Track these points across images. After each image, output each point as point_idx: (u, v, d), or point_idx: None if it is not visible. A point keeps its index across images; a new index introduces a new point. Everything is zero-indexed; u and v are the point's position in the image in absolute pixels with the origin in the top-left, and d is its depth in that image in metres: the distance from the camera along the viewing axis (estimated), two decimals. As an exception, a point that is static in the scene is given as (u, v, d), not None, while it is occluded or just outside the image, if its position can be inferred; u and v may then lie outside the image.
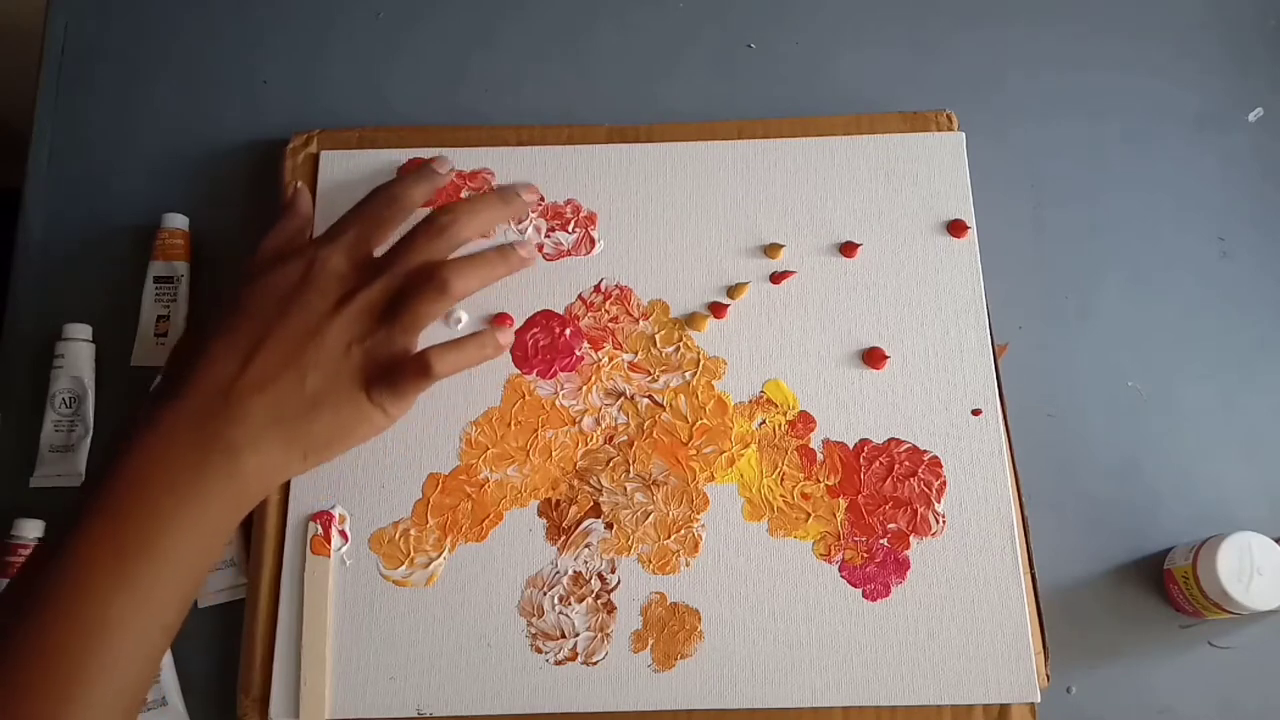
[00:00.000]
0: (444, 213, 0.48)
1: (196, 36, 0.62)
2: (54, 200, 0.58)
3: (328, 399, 0.44)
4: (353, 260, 0.47)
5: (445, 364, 0.45)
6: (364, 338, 0.45)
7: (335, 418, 0.44)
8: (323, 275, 0.46)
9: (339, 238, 0.47)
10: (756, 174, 0.56)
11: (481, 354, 0.48)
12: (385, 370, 0.45)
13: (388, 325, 0.45)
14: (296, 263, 0.46)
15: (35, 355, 0.55)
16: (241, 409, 0.42)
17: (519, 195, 0.52)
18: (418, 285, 0.46)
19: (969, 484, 0.51)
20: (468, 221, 0.48)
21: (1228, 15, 0.62)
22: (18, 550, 0.50)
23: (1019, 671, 0.48)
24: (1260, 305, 0.56)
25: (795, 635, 0.49)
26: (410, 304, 0.45)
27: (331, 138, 0.57)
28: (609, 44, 0.62)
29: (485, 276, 0.48)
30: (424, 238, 0.47)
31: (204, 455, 0.41)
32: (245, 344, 0.43)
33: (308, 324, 0.44)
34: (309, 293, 0.45)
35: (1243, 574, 0.47)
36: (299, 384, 0.43)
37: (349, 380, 0.44)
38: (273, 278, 0.46)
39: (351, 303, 0.45)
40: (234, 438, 0.42)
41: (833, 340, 0.53)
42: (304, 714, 0.48)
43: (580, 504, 0.51)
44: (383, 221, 0.49)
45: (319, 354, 0.44)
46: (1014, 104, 0.60)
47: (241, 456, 0.42)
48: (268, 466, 0.43)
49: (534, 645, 0.49)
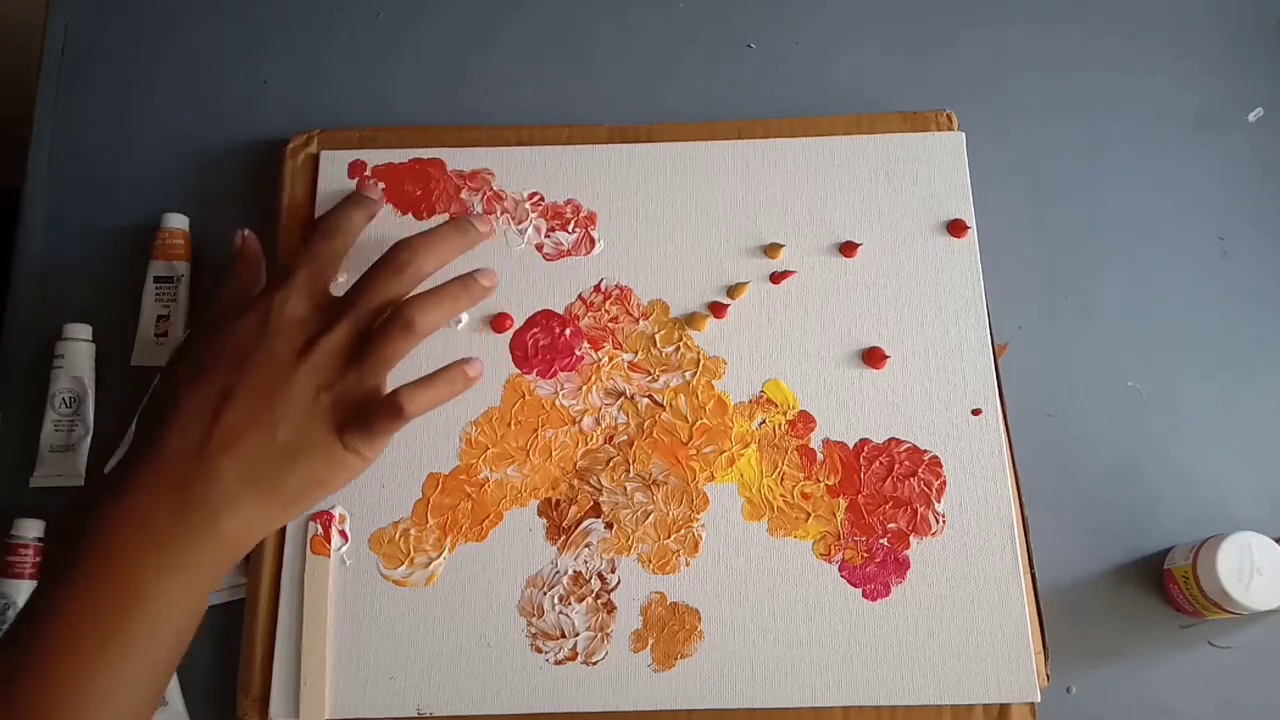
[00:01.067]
0: (402, 249, 0.47)
1: (196, 36, 0.62)
2: (54, 200, 0.58)
3: (301, 449, 0.43)
4: (311, 302, 0.46)
5: (417, 404, 0.44)
6: (332, 383, 0.44)
7: (310, 467, 0.43)
8: (282, 322, 0.44)
9: (292, 280, 0.46)
10: (756, 174, 0.56)
11: (452, 390, 0.46)
12: (356, 413, 0.44)
13: (355, 368, 0.44)
14: (255, 312, 0.45)
15: (35, 355, 0.55)
16: (215, 467, 0.41)
17: (474, 226, 0.51)
18: (384, 325, 0.45)
19: (969, 484, 0.51)
20: (426, 257, 0.47)
21: (1228, 15, 0.62)
22: (18, 550, 0.50)
23: (1019, 671, 0.48)
24: (1260, 305, 0.56)
25: (795, 635, 0.49)
26: (377, 345, 0.44)
27: (331, 138, 0.57)
28: (609, 44, 0.62)
29: (450, 309, 0.47)
30: (384, 275, 0.46)
31: (184, 517, 0.40)
32: (211, 402, 0.42)
33: (273, 374, 0.43)
34: (271, 341, 0.44)
35: (1243, 574, 0.47)
36: (270, 437, 0.42)
37: (320, 427, 0.43)
38: (232, 330, 0.44)
39: (316, 348, 0.44)
40: (211, 499, 0.41)
41: (833, 340, 0.53)
42: (304, 714, 0.48)
43: (580, 504, 0.51)
44: (331, 255, 0.48)
45: (287, 404, 0.43)
46: (1014, 104, 0.60)
47: (220, 517, 0.41)
48: (248, 524, 0.42)
49: (534, 645, 0.49)
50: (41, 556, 0.51)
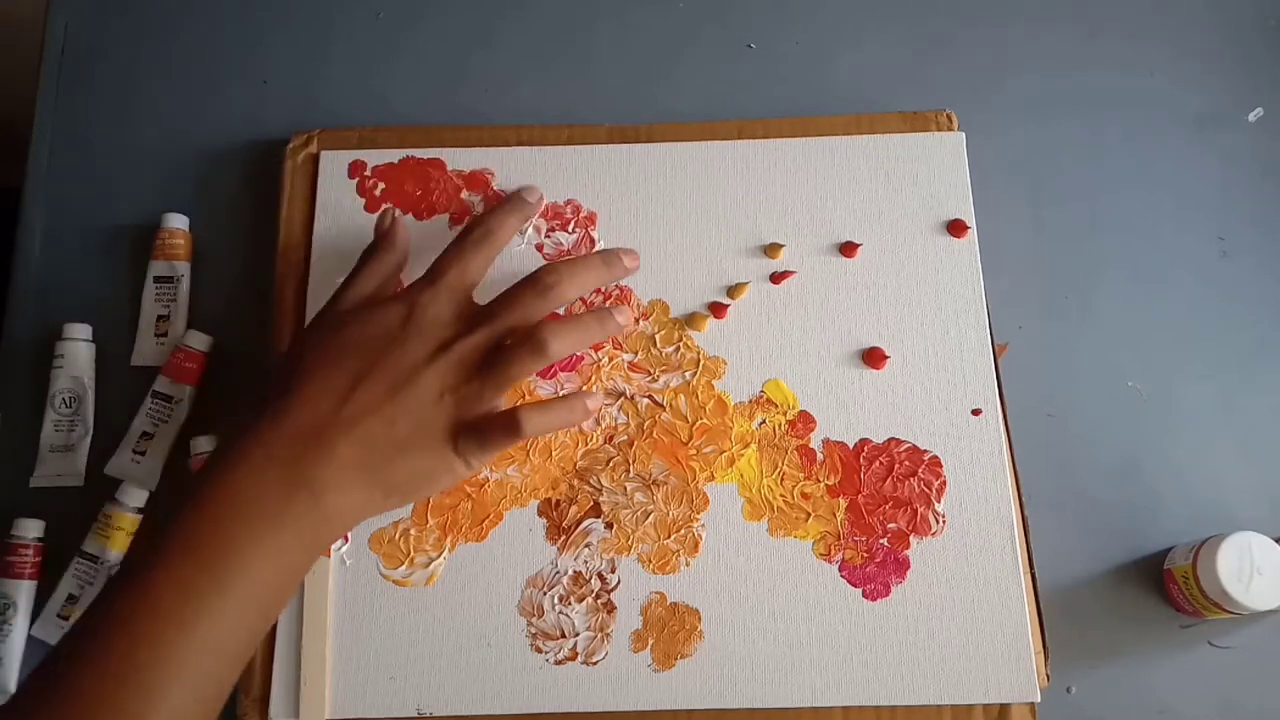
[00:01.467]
0: (549, 272, 0.48)
1: (196, 36, 0.62)
2: (54, 200, 0.58)
3: (414, 445, 0.44)
4: (454, 307, 0.47)
5: (534, 424, 0.45)
6: (457, 388, 0.45)
7: (419, 464, 0.44)
8: (424, 321, 0.46)
9: (439, 280, 0.47)
10: (756, 174, 0.56)
11: (570, 417, 0.48)
12: (473, 423, 0.45)
13: (481, 379, 0.45)
14: (399, 306, 0.46)
15: (35, 355, 0.55)
16: (331, 448, 0.42)
17: (620, 260, 0.52)
18: (517, 343, 0.46)
19: (969, 484, 0.51)
20: (570, 283, 0.48)
21: (1228, 15, 0.62)
22: (18, 550, 0.50)
23: (1019, 671, 0.48)
24: (1260, 305, 0.56)
25: (795, 635, 0.49)
26: (507, 361, 0.46)
27: (331, 138, 0.57)
28: (609, 44, 0.62)
29: (582, 340, 0.48)
30: (528, 294, 0.47)
31: (289, 494, 0.41)
32: (344, 382, 0.44)
33: (405, 368, 0.45)
34: (410, 338, 0.45)
35: (1243, 574, 0.47)
36: (389, 427, 0.44)
37: (437, 429, 0.45)
38: (376, 318, 0.46)
39: (449, 351, 0.45)
40: (320, 478, 0.42)
41: (833, 340, 0.53)
42: (304, 714, 0.48)
43: (580, 504, 0.51)
44: (479, 260, 0.49)
45: (411, 399, 0.44)
46: (1014, 104, 0.60)
47: (325, 497, 0.42)
48: (348, 507, 0.43)
49: (534, 645, 0.49)
50: (41, 557, 0.51)
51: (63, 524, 0.52)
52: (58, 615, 0.50)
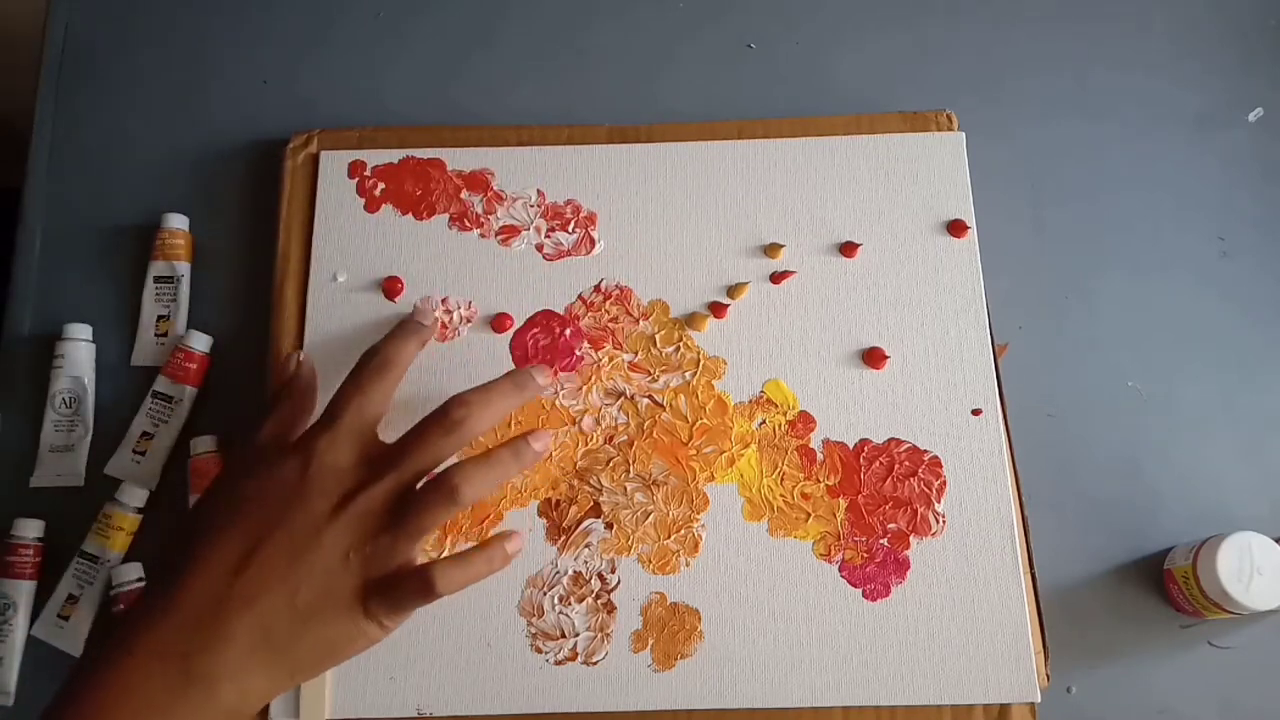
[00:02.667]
0: (457, 407, 0.44)
1: (196, 37, 0.62)
2: (54, 200, 0.58)
3: (319, 614, 0.40)
4: (356, 451, 0.44)
5: (449, 582, 0.42)
6: (363, 545, 0.41)
7: (325, 635, 0.41)
8: (322, 472, 0.42)
9: (336, 424, 0.44)
10: (756, 174, 0.56)
11: (489, 568, 0.44)
12: (383, 582, 0.41)
13: (390, 533, 0.42)
14: (295, 458, 0.43)
15: (35, 355, 0.55)
16: (225, 632, 0.39)
17: (533, 379, 0.48)
18: (425, 491, 0.43)
19: (969, 484, 0.51)
20: (480, 416, 0.45)
21: (1228, 15, 0.62)
22: (18, 550, 0.50)
23: (1019, 671, 0.48)
24: (1260, 305, 0.56)
25: (795, 635, 0.49)
26: (417, 511, 0.42)
27: (331, 138, 0.57)
28: (609, 44, 0.62)
29: (497, 478, 0.44)
30: (435, 433, 0.44)
31: (179, 689, 0.38)
32: (236, 554, 0.40)
33: (305, 529, 0.41)
34: (308, 494, 0.42)
35: (1243, 574, 0.47)
36: (291, 597, 0.40)
37: (344, 593, 0.41)
38: (270, 475, 0.43)
39: (352, 504, 0.42)
40: (214, 669, 0.38)
41: (833, 340, 0.53)
42: (304, 714, 0.48)
43: (580, 504, 0.51)
44: (379, 392, 0.46)
45: (314, 563, 0.40)
46: (1014, 104, 0.60)
47: (220, 688, 0.38)
48: (249, 694, 0.39)
49: (534, 645, 0.49)
50: (41, 557, 0.51)
51: (63, 524, 0.52)
52: (58, 615, 0.50)
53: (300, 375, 0.50)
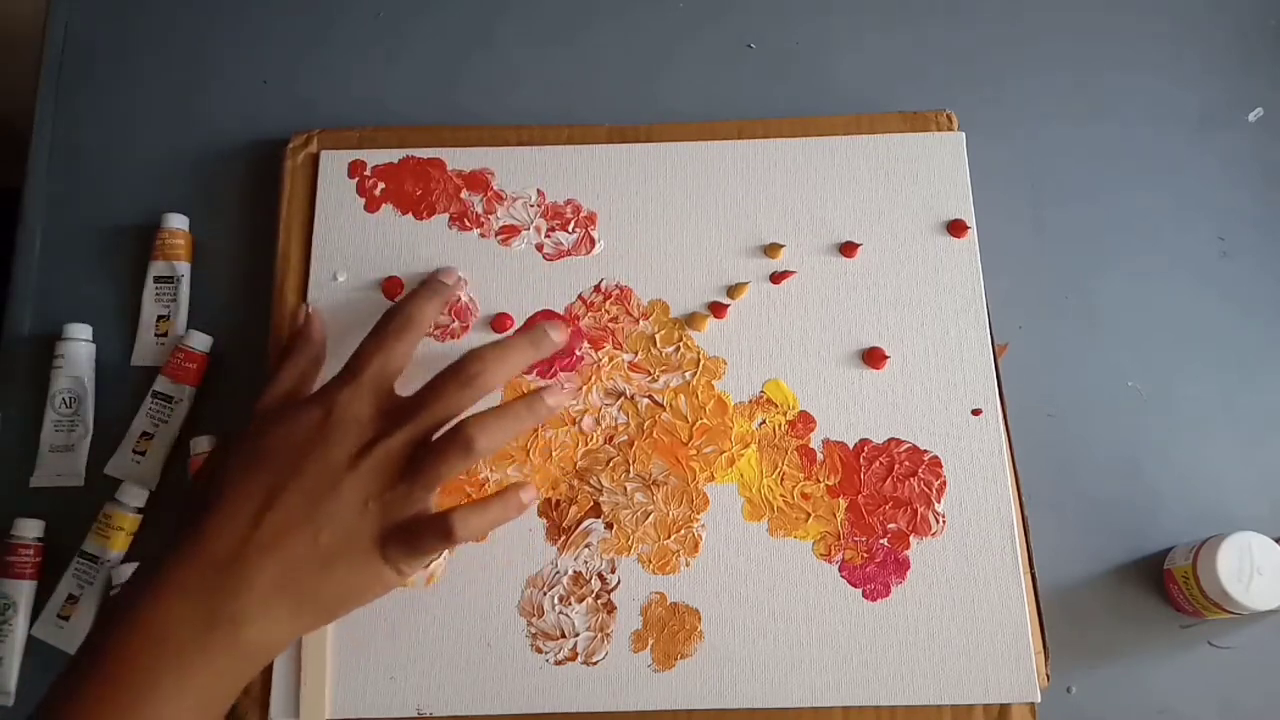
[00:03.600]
0: (472, 361, 0.45)
1: (196, 36, 0.62)
2: (54, 200, 0.58)
3: (340, 558, 0.42)
4: (375, 404, 0.45)
5: (468, 528, 0.43)
6: (381, 493, 0.43)
7: (347, 578, 0.42)
8: (342, 423, 0.44)
9: (358, 377, 0.45)
10: (756, 174, 0.56)
11: (505, 515, 0.45)
12: (402, 529, 0.43)
13: (408, 481, 0.43)
14: (315, 409, 0.44)
15: (35, 355, 0.55)
16: (249, 574, 0.40)
17: (549, 336, 0.49)
18: (441, 441, 0.44)
19: (969, 484, 0.51)
20: (496, 370, 0.45)
21: (1228, 15, 0.62)
22: (18, 550, 0.50)
23: (1019, 671, 0.48)
24: (1260, 305, 0.56)
25: (795, 635, 0.49)
26: (433, 461, 0.43)
27: (331, 138, 0.57)
28: (609, 44, 0.62)
29: (511, 430, 0.45)
30: (452, 386, 0.45)
31: (206, 630, 0.39)
32: (258, 500, 0.41)
33: (324, 477, 0.42)
34: (327, 442, 0.43)
35: (1243, 574, 0.47)
36: (312, 542, 0.41)
37: (364, 538, 0.42)
38: (290, 425, 0.44)
39: (370, 454, 0.43)
40: (239, 609, 0.40)
41: (833, 340, 0.53)
42: (304, 714, 0.48)
43: (580, 504, 0.51)
44: (401, 350, 0.47)
45: (334, 510, 0.42)
46: (1014, 104, 0.60)
47: (246, 628, 0.40)
48: (273, 635, 0.41)
49: (534, 645, 0.49)
50: (41, 557, 0.51)
51: (63, 524, 0.52)
52: (58, 615, 0.50)
53: (311, 328, 0.50)
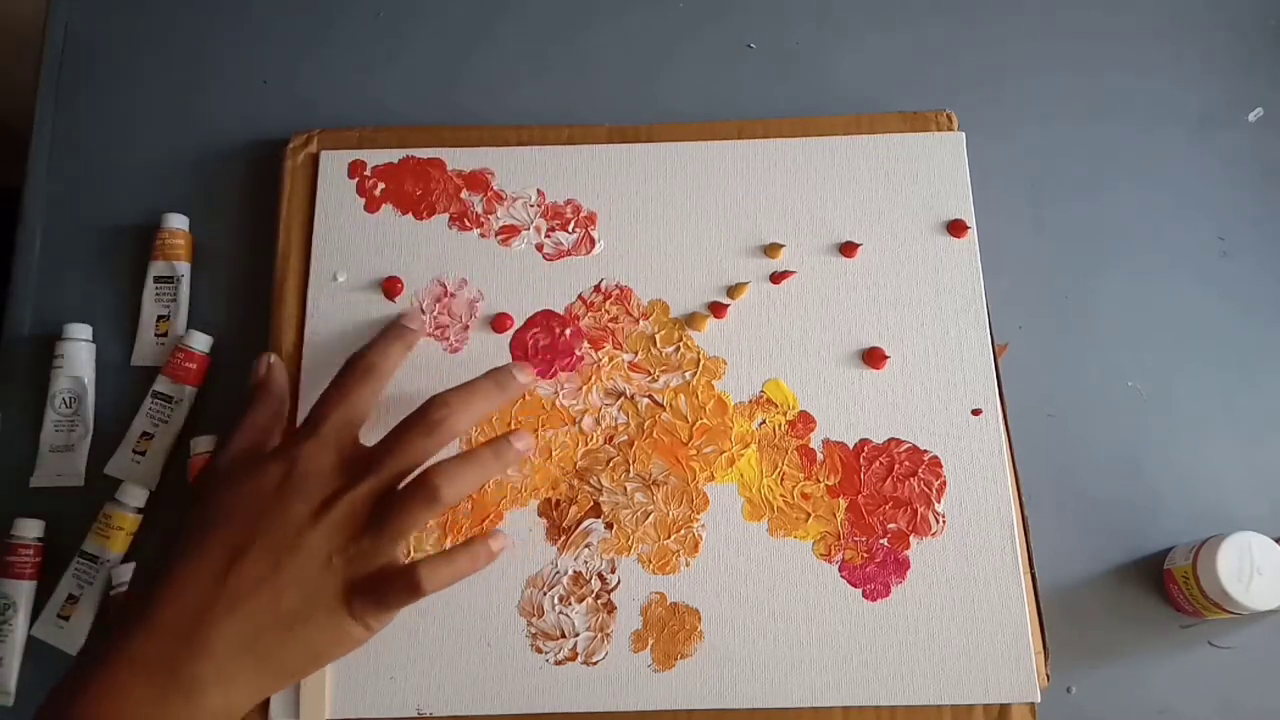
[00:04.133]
0: (438, 408, 0.44)
1: (196, 37, 0.62)
2: (54, 200, 0.58)
3: (305, 618, 0.40)
4: (337, 456, 0.44)
5: (435, 580, 0.42)
6: (345, 547, 0.41)
7: (312, 637, 0.41)
8: (305, 477, 0.42)
9: (320, 428, 0.44)
10: (756, 174, 0.56)
11: (473, 566, 0.44)
12: (368, 584, 0.41)
13: (373, 534, 0.42)
14: (276, 464, 0.43)
15: (35, 355, 0.55)
16: (209, 640, 0.39)
17: (515, 378, 0.48)
18: (406, 492, 0.43)
19: (969, 484, 0.51)
20: (461, 415, 0.45)
21: (1228, 15, 0.62)
22: (18, 550, 0.50)
23: (1019, 671, 0.48)
24: (1260, 305, 0.56)
25: (795, 635, 0.49)
26: (398, 512, 0.42)
27: (331, 138, 0.57)
28: (609, 44, 0.62)
29: (479, 478, 0.45)
30: (415, 434, 0.44)
31: (161, 699, 0.38)
32: (220, 558, 0.40)
33: (287, 534, 0.41)
34: (290, 498, 0.42)
35: (1243, 574, 0.47)
36: (275, 603, 0.40)
37: (329, 596, 0.41)
38: (251, 481, 0.42)
39: (334, 507, 0.42)
40: (198, 674, 0.38)
41: (833, 340, 0.53)
42: (304, 714, 0.48)
43: (580, 504, 0.51)
44: (363, 398, 0.46)
45: (297, 568, 0.40)
46: (1014, 104, 0.60)
47: (205, 694, 0.38)
48: (234, 700, 0.39)
49: (534, 645, 0.49)
50: (41, 557, 0.51)
51: (63, 524, 0.52)
52: (58, 615, 0.50)
53: (272, 379, 0.49)
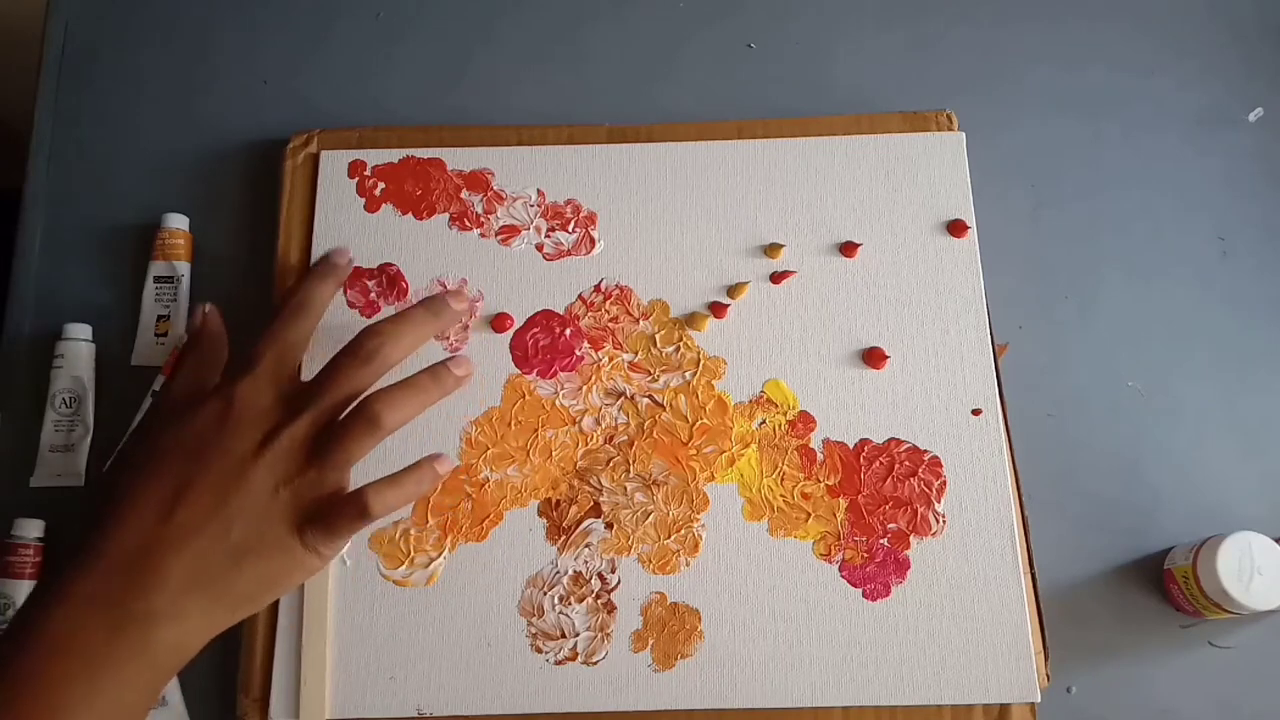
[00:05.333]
0: (370, 336, 0.45)
1: (196, 37, 0.62)
2: (54, 200, 0.58)
3: (255, 549, 0.40)
4: (275, 391, 0.44)
5: (383, 503, 0.42)
6: (291, 478, 0.42)
7: (264, 568, 0.41)
8: (243, 413, 0.42)
9: (256, 366, 0.44)
10: (756, 174, 0.56)
11: (419, 489, 0.44)
12: (317, 511, 0.42)
13: (317, 464, 0.42)
14: (214, 402, 0.43)
15: (35, 355, 0.55)
16: (159, 573, 0.38)
17: (449, 305, 0.48)
18: (347, 420, 0.43)
19: (969, 484, 0.51)
20: (395, 345, 0.45)
21: (1228, 15, 0.62)
22: (18, 550, 0.50)
23: (1019, 671, 0.48)
24: (1260, 305, 0.56)
25: (795, 635, 0.49)
26: (340, 440, 0.42)
27: (331, 138, 0.57)
28: (609, 44, 0.62)
29: (419, 404, 0.45)
30: (350, 365, 0.44)
31: (114, 635, 0.37)
32: (162, 497, 0.40)
33: (231, 469, 0.41)
34: (230, 434, 0.42)
35: (1243, 574, 0.47)
36: (223, 536, 0.40)
37: (278, 525, 0.41)
38: (190, 421, 0.42)
39: (276, 441, 0.42)
40: (150, 608, 0.38)
41: (833, 340, 0.53)
42: (304, 714, 0.48)
43: (580, 504, 0.51)
44: (298, 336, 0.46)
45: (244, 500, 0.40)
46: (1014, 104, 0.60)
47: (159, 627, 0.38)
48: (187, 634, 0.39)
49: (534, 645, 0.49)
50: (41, 557, 0.51)
51: (63, 524, 0.52)
52: (58, 615, 0.50)
53: (208, 325, 0.48)
